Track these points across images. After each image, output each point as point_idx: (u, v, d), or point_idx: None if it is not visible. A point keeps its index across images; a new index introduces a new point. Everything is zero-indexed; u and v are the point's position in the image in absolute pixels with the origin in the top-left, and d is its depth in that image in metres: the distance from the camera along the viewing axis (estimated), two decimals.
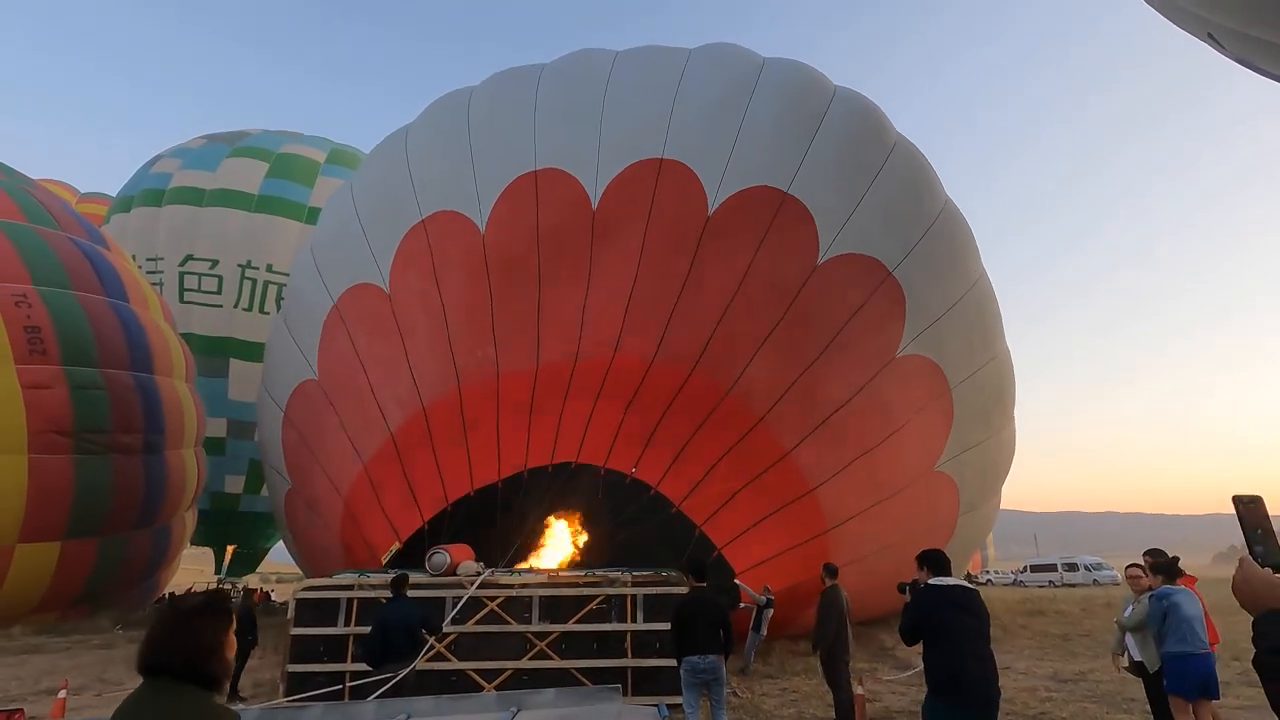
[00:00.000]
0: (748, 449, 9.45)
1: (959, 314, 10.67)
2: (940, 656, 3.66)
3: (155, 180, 23.62)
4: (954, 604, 3.73)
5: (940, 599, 3.77)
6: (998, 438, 11.83)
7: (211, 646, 1.60)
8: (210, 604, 1.67)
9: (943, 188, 11.52)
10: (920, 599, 3.89)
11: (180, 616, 1.63)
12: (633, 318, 9.99)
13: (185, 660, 1.56)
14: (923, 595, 3.88)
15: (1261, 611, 1.26)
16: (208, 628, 1.61)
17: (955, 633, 3.65)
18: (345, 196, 12.56)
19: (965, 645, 3.63)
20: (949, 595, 3.78)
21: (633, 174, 10.40)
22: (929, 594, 3.84)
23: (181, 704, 1.54)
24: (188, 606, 1.67)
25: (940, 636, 3.69)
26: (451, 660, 7.00)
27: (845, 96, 11.17)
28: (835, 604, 6.46)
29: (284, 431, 11.93)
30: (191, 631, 1.59)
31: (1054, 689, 7.71)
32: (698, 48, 11.74)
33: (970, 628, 3.68)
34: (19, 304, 13.86)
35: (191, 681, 1.56)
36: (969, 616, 3.71)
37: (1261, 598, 1.26)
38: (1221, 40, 3.62)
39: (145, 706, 1.55)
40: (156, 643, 1.59)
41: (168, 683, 1.56)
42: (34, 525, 13.61)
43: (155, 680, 1.57)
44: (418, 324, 10.69)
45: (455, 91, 12.62)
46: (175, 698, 1.55)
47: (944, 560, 3.97)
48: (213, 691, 1.59)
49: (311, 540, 11.85)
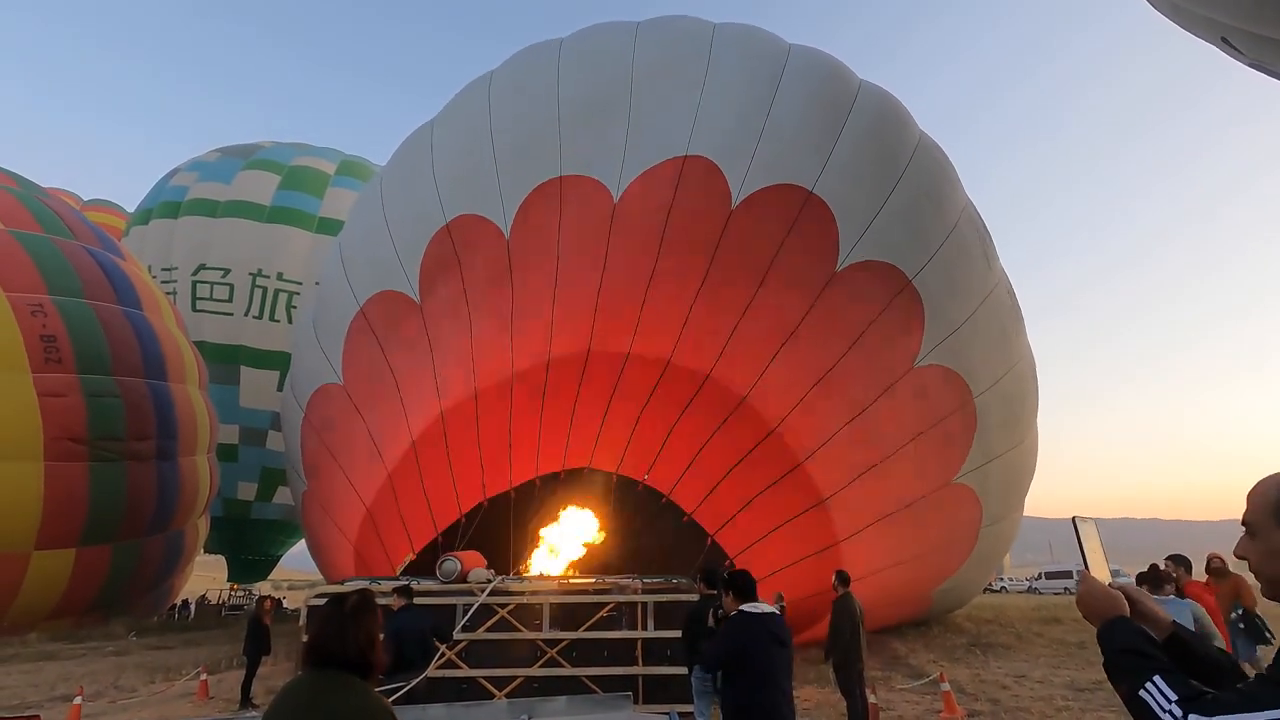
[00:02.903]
0: (761, 458, 9.36)
1: (980, 320, 10.46)
2: (748, 691, 3.40)
3: (172, 193, 24.17)
4: (770, 634, 3.46)
5: (758, 628, 3.48)
6: (1021, 447, 11.57)
7: (372, 638, 1.79)
8: (369, 602, 1.86)
9: (962, 188, 11.29)
10: (734, 627, 3.56)
11: (347, 613, 1.80)
12: (649, 316, 9.84)
13: (358, 651, 1.74)
14: (736, 623, 3.56)
15: (1102, 622, 1.38)
16: (372, 622, 1.80)
17: (768, 666, 3.41)
18: (374, 197, 12.48)
19: (777, 680, 3.41)
20: (765, 624, 3.49)
21: (657, 171, 10.28)
22: (743, 622, 3.53)
23: (349, 692, 1.71)
24: (352, 604, 1.83)
25: (750, 669, 3.43)
26: (463, 667, 6.99)
27: (870, 92, 10.96)
28: (848, 612, 6.40)
29: (304, 431, 11.99)
30: (360, 626, 1.77)
31: (1071, 698, 7.60)
32: (721, 28, 11.40)
33: (783, 661, 3.46)
34: (35, 313, 14.05)
35: (356, 672, 1.74)
36: (782, 648, 3.47)
37: (1103, 608, 1.38)
38: (1236, 44, 3.57)
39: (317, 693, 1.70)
40: (327, 637, 1.75)
41: (335, 673, 1.72)
42: (50, 532, 13.76)
43: (324, 671, 1.73)
44: (443, 331, 10.66)
45: (475, 83, 12.36)
46: (346, 686, 1.72)
47: (750, 583, 3.64)
48: (369, 680, 1.78)
49: (324, 541, 11.86)
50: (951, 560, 11.24)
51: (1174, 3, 4.90)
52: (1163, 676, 1.19)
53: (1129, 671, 1.25)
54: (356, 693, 1.70)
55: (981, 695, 7.79)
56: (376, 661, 1.77)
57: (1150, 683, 1.19)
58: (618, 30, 11.78)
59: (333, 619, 1.78)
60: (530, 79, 11.51)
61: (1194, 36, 5.22)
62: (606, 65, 11.15)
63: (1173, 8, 5.07)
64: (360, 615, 1.79)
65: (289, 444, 13.15)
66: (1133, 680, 1.22)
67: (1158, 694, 1.17)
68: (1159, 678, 1.19)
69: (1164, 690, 1.17)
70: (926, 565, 10.75)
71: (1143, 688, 1.20)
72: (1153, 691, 1.18)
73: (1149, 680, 1.20)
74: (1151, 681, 1.19)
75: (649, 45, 11.26)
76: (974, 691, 7.97)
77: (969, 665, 9.89)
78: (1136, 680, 1.22)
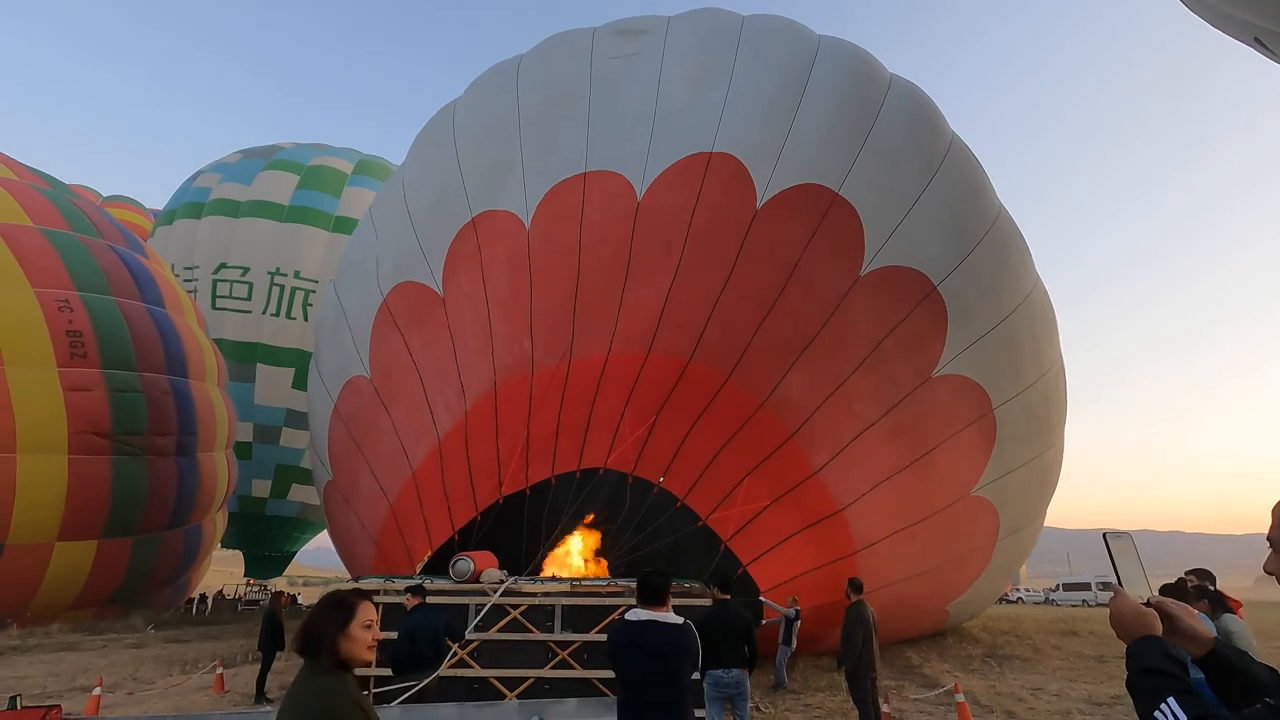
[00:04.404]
0: (777, 465, 9.24)
1: (1007, 331, 10.12)
2: (620, 708, 3.12)
3: (196, 194, 24.71)
4: (634, 643, 3.10)
5: (625, 636, 3.16)
6: (1043, 459, 11.27)
7: (323, 632, 1.94)
8: (332, 598, 2.03)
9: (995, 194, 10.95)
10: (611, 632, 3.28)
11: (314, 607, 2.03)
12: (670, 314, 9.70)
13: (313, 642, 1.92)
14: (613, 629, 3.28)
15: (1132, 640, 1.36)
16: (327, 617, 1.96)
17: (626, 675, 3.10)
18: (396, 188, 12.40)
19: (639, 690, 3.07)
20: (634, 632, 3.13)
21: (681, 168, 10.16)
22: (615, 629, 3.23)
23: (300, 679, 1.92)
24: (320, 600, 2.06)
25: (618, 676, 3.13)
26: (474, 667, 7.01)
27: (900, 89, 10.72)
28: (861, 619, 6.34)
29: (332, 422, 11.93)
30: (314, 618, 1.97)
31: (1089, 711, 7.48)
32: (750, 20, 11.24)
33: (657, 672, 3.06)
34: (62, 309, 14.34)
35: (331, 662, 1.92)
36: (653, 659, 3.06)
37: (1132, 627, 1.37)
38: (1269, 44, 3.49)
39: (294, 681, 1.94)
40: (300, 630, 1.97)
41: (309, 660, 1.94)
42: (72, 524, 14.01)
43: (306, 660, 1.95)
44: (466, 328, 10.60)
45: (501, 66, 12.22)
46: (301, 675, 1.93)
47: (648, 586, 3.22)
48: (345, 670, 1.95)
49: (344, 533, 11.86)
50: (967, 574, 11.08)
51: (1205, 1, 4.81)
52: (1177, 698, 1.19)
53: (1147, 691, 1.25)
54: (300, 680, 1.91)
55: (997, 707, 7.69)
56: (339, 653, 1.91)
57: (1165, 703, 1.20)
58: (650, 24, 11.68)
59: (310, 613, 2.03)
60: (558, 69, 11.42)
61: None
62: (636, 61, 11.02)
63: (1203, 5, 4.97)
64: (319, 610, 1.99)
65: (315, 432, 13.05)
66: (1149, 700, 1.23)
67: (1169, 714, 1.18)
68: (1174, 698, 1.19)
69: (1176, 712, 1.18)
70: (941, 578, 10.59)
71: (1158, 708, 1.20)
72: (1166, 712, 1.19)
73: (1164, 701, 1.20)
74: (1166, 702, 1.20)
75: (679, 38, 11.14)
76: (989, 703, 7.87)
77: (984, 676, 9.76)
78: (1153, 701, 1.22)
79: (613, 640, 3.23)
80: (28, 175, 17.18)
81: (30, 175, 17.30)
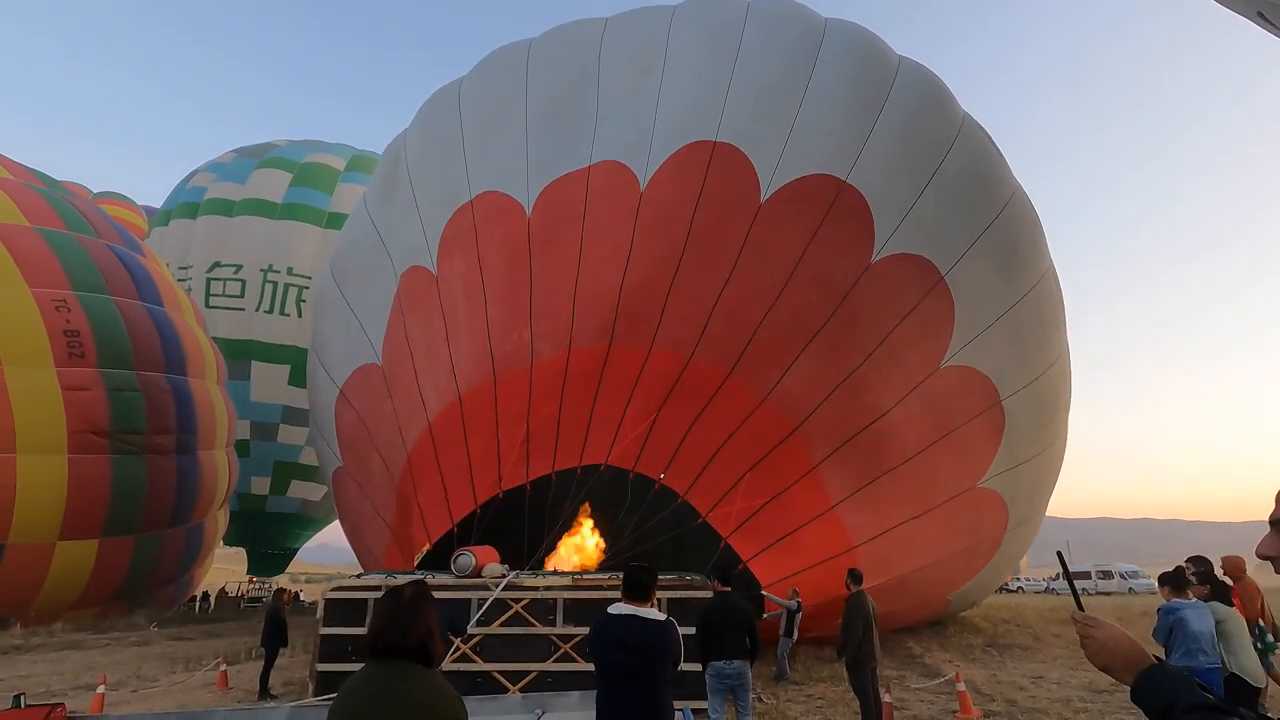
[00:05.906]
0: (777, 461, 9.16)
1: (1019, 316, 9.92)
2: (597, 701, 3.12)
3: (190, 194, 24.71)
4: (611, 637, 3.10)
5: (602, 630, 3.16)
6: (1051, 449, 11.15)
7: (430, 628, 1.83)
8: (424, 593, 1.90)
9: (1010, 174, 10.62)
10: (592, 625, 3.28)
11: (405, 605, 1.84)
12: (672, 308, 9.57)
13: (418, 641, 1.79)
14: (594, 622, 3.26)
15: (1138, 671, 1.22)
16: (429, 612, 1.84)
17: (601, 667, 3.12)
18: (400, 163, 12.17)
19: (615, 683, 3.07)
20: (611, 626, 3.13)
21: (684, 156, 10.01)
22: (598, 622, 3.21)
23: (417, 680, 1.77)
24: (409, 595, 1.87)
25: (597, 674, 3.14)
26: (477, 661, 7.04)
27: (910, 71, 10.52)
28: (861, 610, 6.36)
29: (339, 407, 11.72)
30: (418, 616, 1.82)
31: (1089, 699, 7.51)
32: (755, 5, 11.06)
33: (634, 665, 3.04)
34: (59, 309, 14.31)
35: (419, 661, 1.79)
36: (629, 652, 3.06)
37: (1127, 657, 1.24)
38: (1272, 19, 3.44)
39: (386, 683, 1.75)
40: (386, 629, 1.80)
41: (401, 663, 1.78)
42: (73, 523, 14.03)
43: (390, 662, 1.78)
44: (459, 308, 10.43)
45: (510, 47, 12.08)
46: (413, 675, 1.77)
47: (633, 581, 3.22)
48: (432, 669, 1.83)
49: (359, 520, 11.66)
50: (973, 564, 11.03)
51: None
52: None
53: None
54: (424, 680, 1.77)
55: (998, 695, 7.72)
56: (436, 651, 1.82)
57: None
58: (656, 13, 11.54)
59: (390, 611, 1.84)
60: (566, 55, 11.29)
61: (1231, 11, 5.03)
62: (642, 47, 10.93)
63: None
64: (417, 606, 1.85)
65: (319, 414, 12.78)
66: None
67: None
68: None
69: None
70: (947, 569, 10.54)
71: None
72: None
73: None
74: None
75: (684, 26, 11.01)
76: (990, 692, 7.90)
77: (985, 665, 9.80)
78: None
79: (593, 633, 3.24)
80: (23, 174, 17.12)
81: (26, 174, 17.23)
